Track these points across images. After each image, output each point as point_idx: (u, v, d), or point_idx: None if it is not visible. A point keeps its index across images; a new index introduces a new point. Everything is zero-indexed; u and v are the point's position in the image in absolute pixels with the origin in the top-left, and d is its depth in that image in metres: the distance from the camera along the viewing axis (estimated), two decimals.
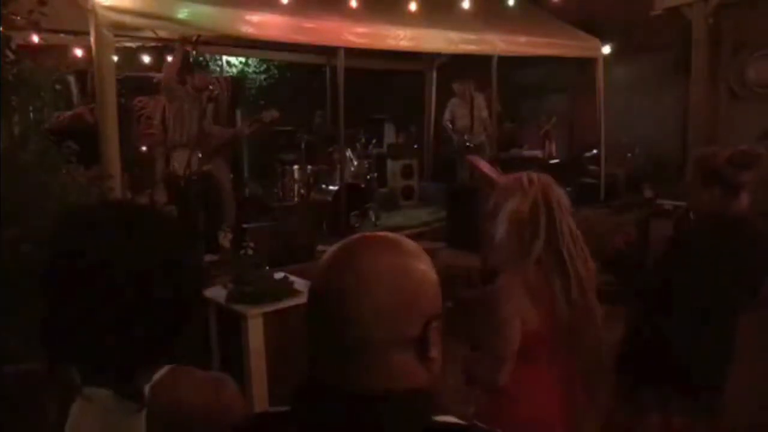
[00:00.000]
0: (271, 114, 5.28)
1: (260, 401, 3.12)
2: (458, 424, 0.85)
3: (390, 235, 0.91)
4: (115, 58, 4.29)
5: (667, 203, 5.94)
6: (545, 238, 1.67)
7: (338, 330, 0.82)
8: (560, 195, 1.74)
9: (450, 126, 7.24)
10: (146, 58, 6.60)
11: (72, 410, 1.00)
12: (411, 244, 0.89)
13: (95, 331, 0.96)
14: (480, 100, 7.05)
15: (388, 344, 0.82)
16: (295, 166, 6.57)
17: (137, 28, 5.29)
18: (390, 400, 0.81)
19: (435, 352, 0.84)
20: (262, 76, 8.85)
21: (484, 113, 7.06)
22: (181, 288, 1.02)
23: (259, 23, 4.63)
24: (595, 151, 7.23)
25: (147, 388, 0.99)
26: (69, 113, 5.73)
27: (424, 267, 0.87)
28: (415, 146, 8.13)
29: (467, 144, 7.03)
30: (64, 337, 0.98)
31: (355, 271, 0.82)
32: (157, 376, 1.00)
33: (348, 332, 0.81)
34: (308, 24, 4.89)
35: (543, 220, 1.68)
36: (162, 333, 1.01)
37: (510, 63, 6.57)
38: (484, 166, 5.05)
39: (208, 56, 7.80)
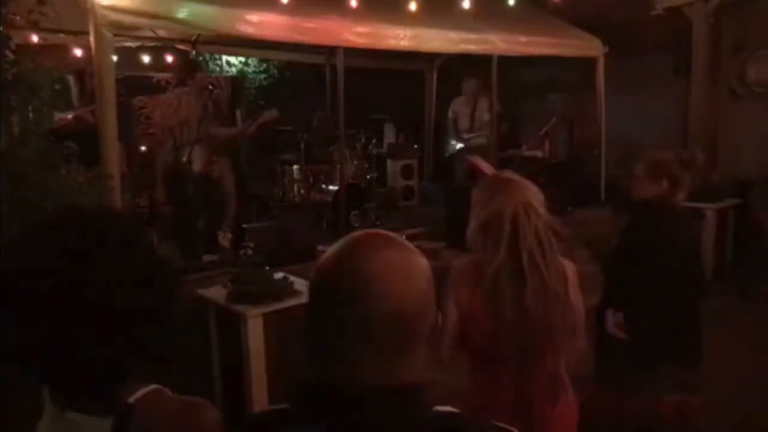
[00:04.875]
0: (271, 113, 5.28)
1: (260, 401, 3.12)
2: (457, 413, 0.86)
3: (387, 232, 0.91)
4: (115, 58, 4.28)
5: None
6: (507, 247, 1.68)
7: (359, 330, 0.81)
8: (531, 199, 1.73)
9: (452, 125, 7.22)
10: (146, 58, 6.60)
11: (39, 428, 0.97)
12: (405, 240, 0.90)
13: (61, 349, 0.92)
14: (483, 102, 7.03)
15: (410, 341, 0.83)
16: (295, 166, 6.57)
17: (137, 28, 5.29)
18: (399, 395, 0.81)
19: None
20: (262, 76, 8.84)
21: (486, 116, 7.04)
22: (146, 298, 0.97)
23: (259, 23, 4.62)
24: (595, 152, 7.22)
25: (126, 404, 0.95)
26: (70, 116, 5.73)
27: (425, 261, 0.88)
28: (415, 146, 8.13)
29: (466, 144, 7.02)
30: (31, 357, 0.94)
31: (373, 271, 0.82)
32: (136, 395, 0.97)
33: (371, 332, 0.81)
34: (308, 24, 4.88)
35: (507, 228, 1.68)
36: (130, 347, 0.96)
37: (510, 63, 6.57)
38: (485, 167, 5.06)
39: (208, 56, 7.80)
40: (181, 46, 6.52)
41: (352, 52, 5.37)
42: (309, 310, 0.87)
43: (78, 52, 5.38)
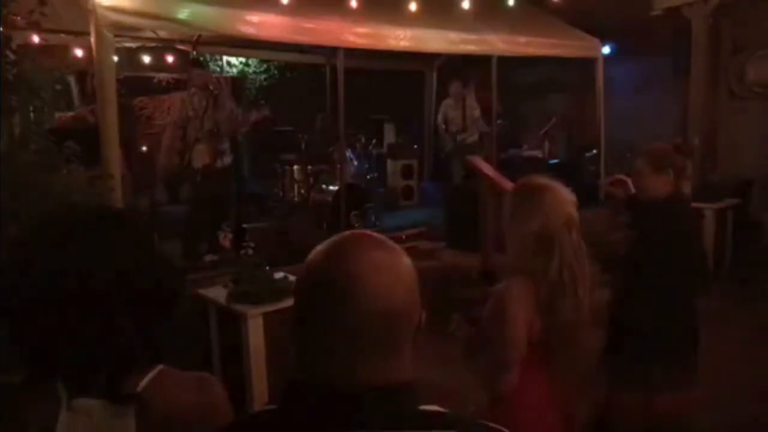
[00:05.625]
0: (262, 113, 5.37)
1: (260, 401, 3.12)
2: (441, 412, 0.87)
3: (372, 233, 0.92)
4: (116, 58, 4.29)
5: None
6: (558, 262, 1.70)
7: (347, 329, 0.82)
8: (572, 212, 1.75)
9: (443, 127, 7.26)
10: (146, 58, 6.61)
11: (59, 425, 0.98)
12: (390, 240, 0.91)
13: (70, 340, 0.95)
14: (471, 100, 7.07)
15: (397, 340, 0.84)
16: (295, 166, 6.58)
17: (138, 29, 5.29)
18: (387, 395, 0.83)
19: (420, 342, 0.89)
20: (262, 76, 8.85)
21: (476, 113, 7.08)
22: (149, 287, 1.01)
23: (259, 23, 4.63)
24: (594, 151, 7.23)
25: (136, 392, 0.98)
26: (70, 114, 5.74)
27: (410, 261, 0.90)
28: (415, 146, 8.14)
29: (460, 144, 7.04)
30: (41, 350, 0.96)
31: (360, 271, 0.83)
32: (145, 380, 1.00)
33: (359, 331, 0.82)
34: (308, 24, 4.89)
35: (556, 244, 1.70)
36: (139, 334, 0.99)
37: (510, 63, 6.57)
38: (485, 167, 5.06)
39: (208, 57, 7.81)
40: (181, 47, 6.53)
41: (352, 52, 5.38)
42: (296, 311, 0.88)
43: (79, 53, 5.39)
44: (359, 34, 5.14)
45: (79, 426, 0.97)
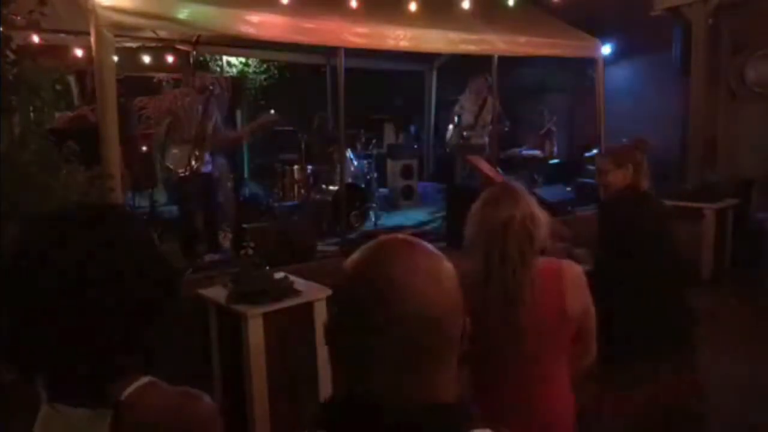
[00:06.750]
0: (268, 117, 5.33)
1: (260, 401, 3.13)
2: None
3: (411, 237, 0.90)
4: (116, 58, 4.29)
5: (667, 202, 5.93)
6: (486, 256, 1.73)
7: (390, 332, 0.79)
8: (516, 214, 1.72)
9: (456, 120, 7.16)
10: (146, 58, 6.61)
11: (37, 421, 0.97)
12: (429, 245, 0.89)
13: (54, 342, 0.93)
14: (490, 103, 6.99)
15: (441, 345, 0.81)
16: (295, 166, 6.58)
17: (138, 29, 5.29)
18: (437, 415, 0.79)
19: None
20: (262, 76, 8.85)
21: (489, 118, 7.01)
22: (138, 293, 0.98)
23: (259, 23, 4.63)
24: (595, 151, 7.22)
25: (118, 401, 0.96)
26: (71, 113, 5.74)
27: (452, 267, 0.87)
28: (415, 146, 8.14)
29: (465, 142, 7.00)
30: (26, 350, 0.95)
31: (399, 274, 0.80)
32: (129, 389, 0.97)
33: (401, 333, 0.79)
34: (308, 24, 4.89)
35: (490, 239, 1.72)
36: (126, 341, 0.97)
37: (510, 63, 6.57)
38: (485, 167, 5.07)
39: (208, 57, 7.81)
40: (181, 47, 6.53)
41: (352, 52, 5.38)
42: (335, 320, 0.85)
43: (79, 53, 5.39)
44: (359, 34, 5.14)
45: (55, 426, 0.96)
